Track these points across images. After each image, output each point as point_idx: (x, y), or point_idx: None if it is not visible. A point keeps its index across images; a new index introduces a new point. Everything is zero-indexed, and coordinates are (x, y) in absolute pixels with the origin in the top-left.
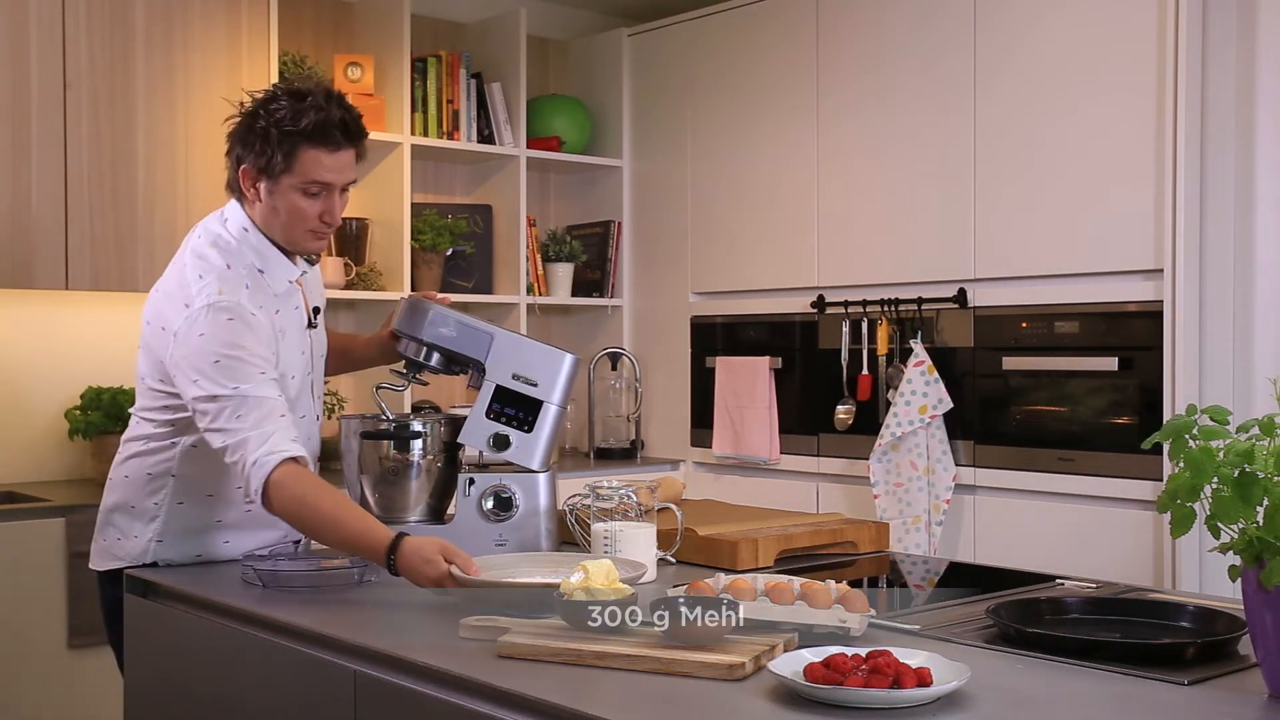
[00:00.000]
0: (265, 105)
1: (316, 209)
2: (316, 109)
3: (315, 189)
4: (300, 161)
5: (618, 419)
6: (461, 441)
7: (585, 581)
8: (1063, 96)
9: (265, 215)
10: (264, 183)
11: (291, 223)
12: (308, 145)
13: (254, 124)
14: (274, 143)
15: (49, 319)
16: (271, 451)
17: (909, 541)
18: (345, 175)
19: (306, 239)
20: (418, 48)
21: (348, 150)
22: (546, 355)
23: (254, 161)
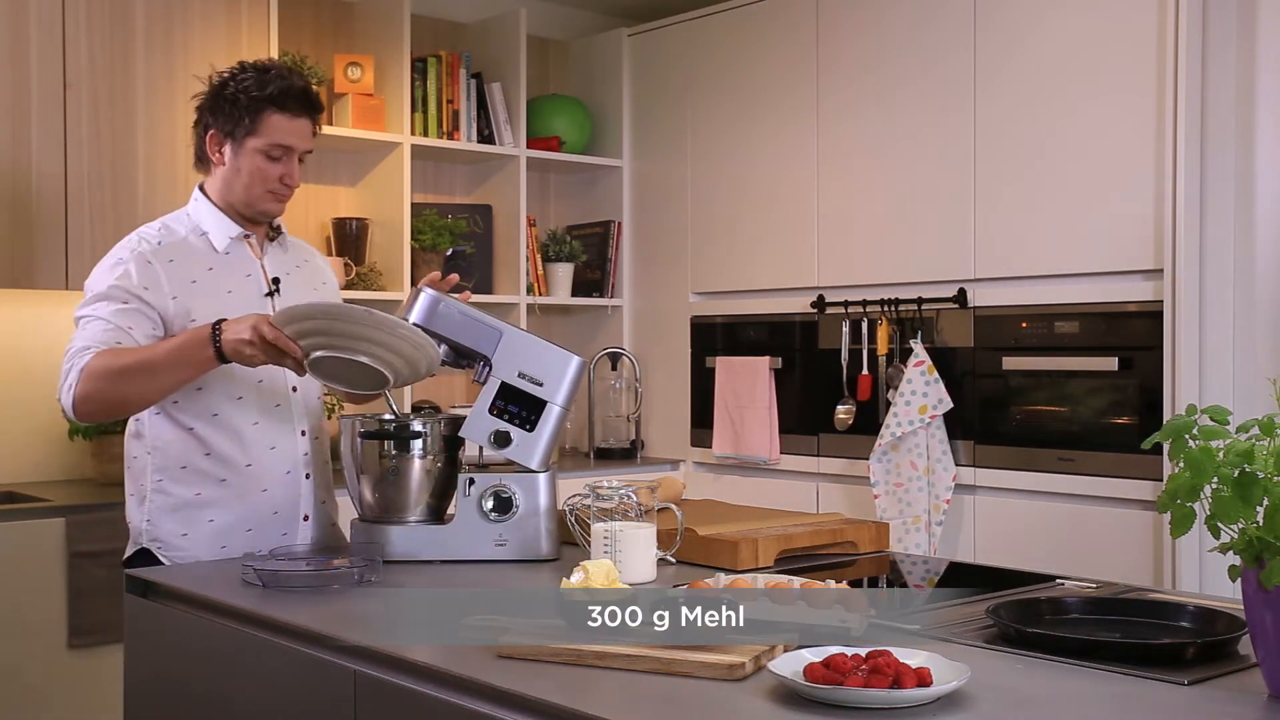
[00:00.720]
0: (234, 76)
1: (277, 171)
2: (280, 77)
3: (277, 152)
4: (265, 124)
5: (618, 419)
6: (463, 435)
7: (585, 581)
8: (1063, 96)
9: (227, 178)
10: (229, 145)
11: (252, 183)
12: (272, 110)
13: (223, 91)
14: (241, 107)
15: (49, 319)
16: (86, 349)
17: (909, 541)
18: (304, 142)
19: (266, 199)
20: (418, 48)
21: (307, 119)
22: (554, 356)
23: (221, 126)
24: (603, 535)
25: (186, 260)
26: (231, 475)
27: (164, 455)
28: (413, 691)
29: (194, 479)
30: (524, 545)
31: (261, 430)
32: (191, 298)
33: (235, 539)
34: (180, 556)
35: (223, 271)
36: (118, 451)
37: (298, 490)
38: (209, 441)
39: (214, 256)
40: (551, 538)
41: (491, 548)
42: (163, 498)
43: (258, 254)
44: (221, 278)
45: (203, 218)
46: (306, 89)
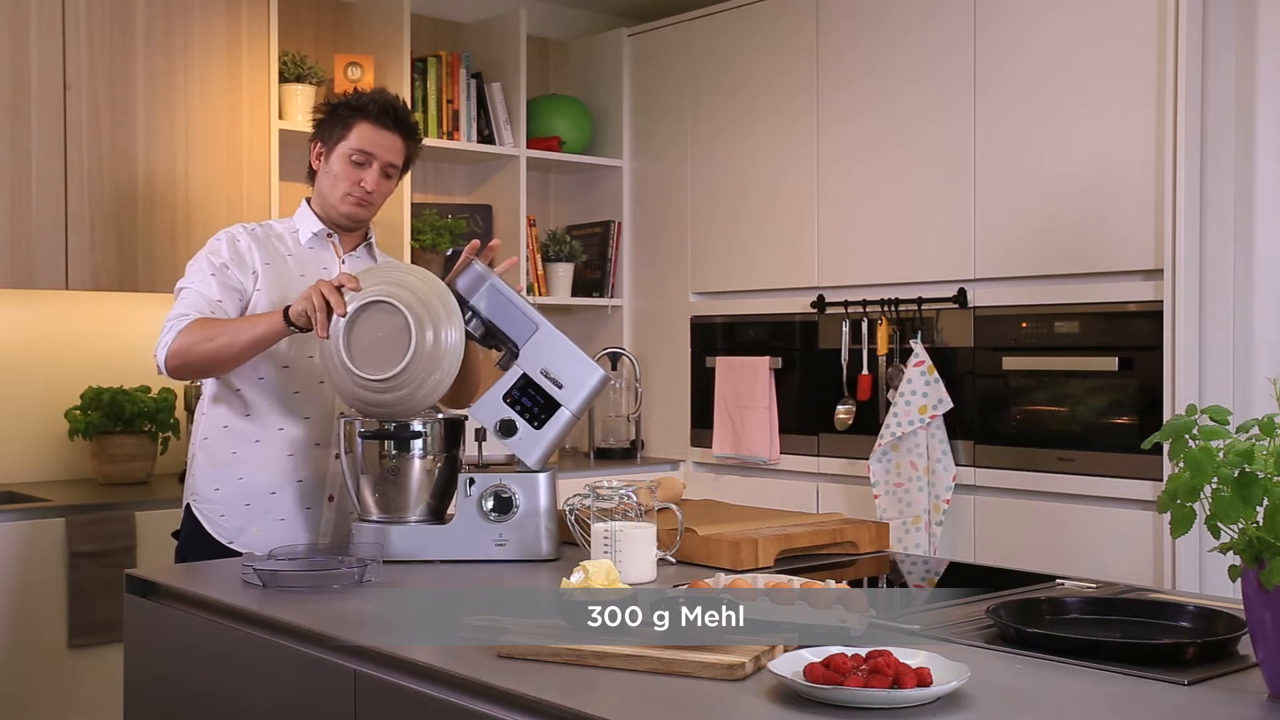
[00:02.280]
0: (345, 97)
1: (358, 175)
2: (378, 94)
3: (360, 157)
4: (353, 130)
5: (618, 419)
6: (471, 414)
7: (585, 581)
8: (1063, 97)
9: (321, 182)
10: (324, 150)
11: (334, 185)
12: (361, 119)
13: (331, 107)
14: (339, 117)
15: (49, 319)
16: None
17: (909, 541)
18: (387, 154)
19: (346, 201)
20: (418, 48)
21: (396, 135)
22: (581, 363)
23: (322, 135)
24: (603, 535)
25: (273, 246)
26: (265, 436)
27: (212, 414)
28: (413, 691)
29: (232, 438)
30: (524, 545)
31: (301, 400)
32: (271, 275)
33: (260, 500)
34: (211, 510)
35: (302, 260)
36: (118, 452)
37: (325, 466)
38: (251, 402)
39: (298, 248)
40: (551, 538)
41: (491, 548)
42: (205, 455)
43: (339, 254)
44: (300, 264)
45: (299, 219)
46: (396, 105)
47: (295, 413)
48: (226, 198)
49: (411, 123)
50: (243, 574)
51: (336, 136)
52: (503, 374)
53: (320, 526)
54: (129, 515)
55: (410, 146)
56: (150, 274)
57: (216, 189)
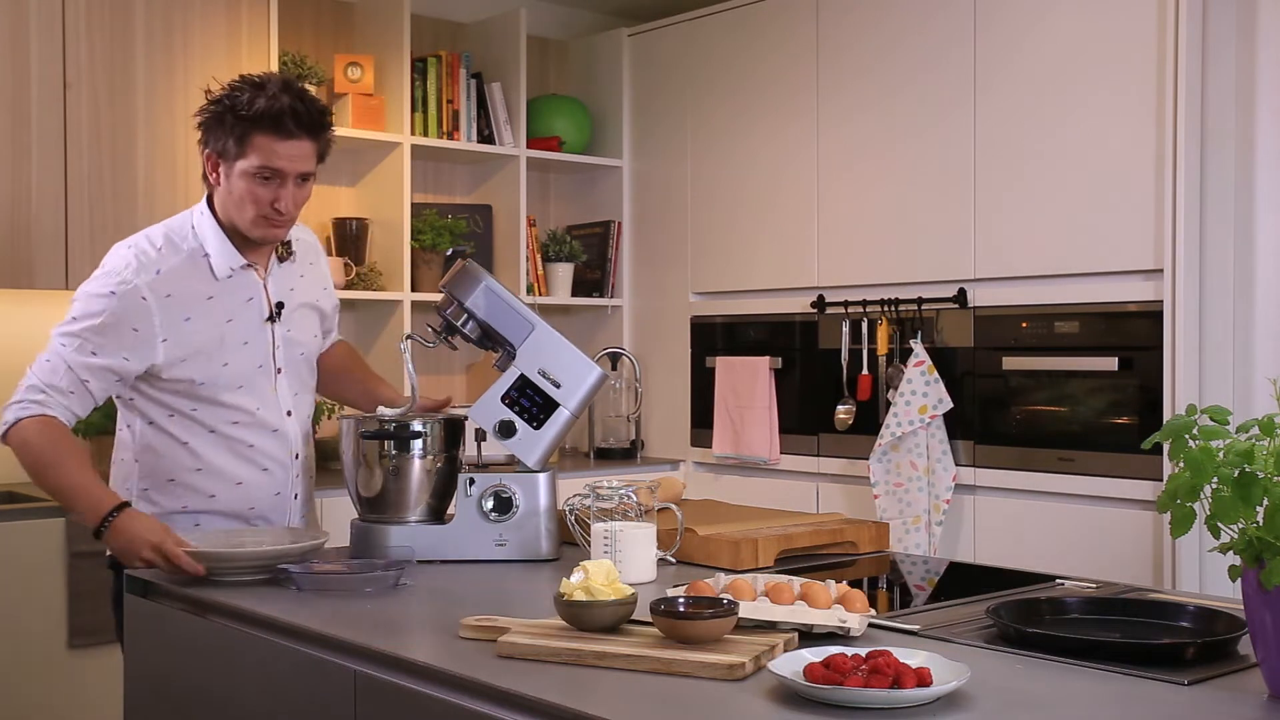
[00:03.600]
0: (228, 93)
1: (268, 195)
2: (270, 97)
3: (267, 173)
4: (251, 146)
5: (618, 419)
6: (470, 417)
7: (585, 582)
8: (1063, 97)
9: (223, 200)
10: (222, 166)
11: (242, 207)
12: (258, 131)
13: (216, 109)
14: (228, 127)
15: (49, 319)
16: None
17: (909, 541)
18: (298, 165)
19: (258, 224)
20: (418, 48)
21: (303, 140)
22: (578, 362)
23: (214, 145)
24: (603, 535)
25: (184, 294)
26: (222, 491)
27: (153, 465)
28: (413, 691)
29: (182, 491)
30: (524, 545)
31: (257, 452)
32: (186, 335)
33: None
34: None
35: (222, 298)
36: None
37: (286, 510)
38: (203, 456)
39: (214, 284)
40: (551, 538)
41: (491, 548)
42: (148, 505)
43: (261, 276)
44: (221, 305)
45: (207, 237)
46: (296, 107)
47: (254, 464)
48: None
49: (319, 117)
50: (277, 576)
51: (232, 152)
52: (500, 375)
53: None
54: None
55: (323, 143)
56: None
57: None
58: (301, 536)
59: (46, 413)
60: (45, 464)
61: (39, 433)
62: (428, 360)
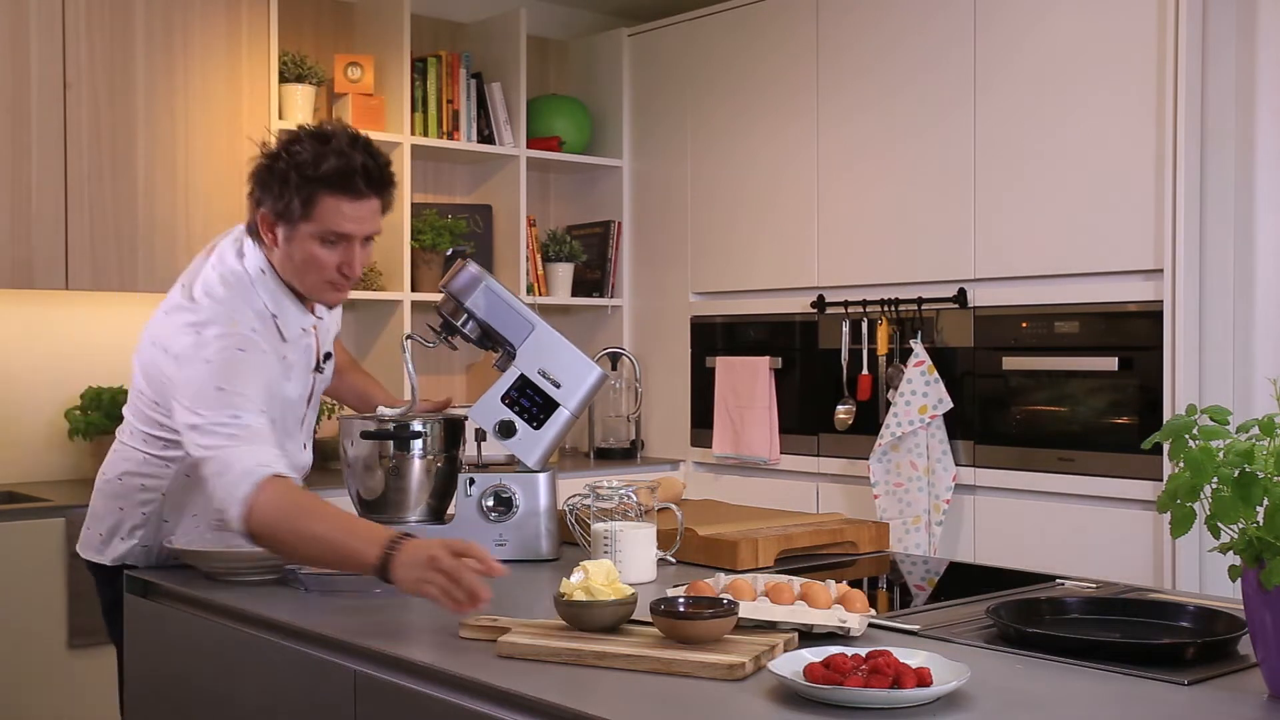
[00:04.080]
0: (287, 147)
1: (334, 259)
2: (339, 154)
3: (333, 238)
4: (319, 209)
5: (618, 419)
6: (470, 417)
7: (585, 582)
8: (1063, 96)
9: (282, 262)
10: (281, 228)
11: (308, 272)
12: (327, 192)
13: (274, 165)
14: (293, 187)
15: (49, 319)
16: (261, 464)
17: (909, 541)
18: (366, 226)
19: (324, 289)
20: (418, 48)
21: (371, 199)
22: (577, 361)
23: (272, 206)
24: (603, 535)
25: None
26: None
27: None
28: (413, 691)
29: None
30: (524, 545)
31: None
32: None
33: None
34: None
35: (289, 355)
36: None
37: None
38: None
39: (282, 344)
40: (551, 538)
41: (492, 548)
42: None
43: (316, 330)
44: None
45: (272, 298)
46: (369, 165)
47: None
48: (226, 198)
49: (386, 173)
50: (286, 578)
51: (296, 214)
52: (500, 375)
53: None
54: None
55: (388, 199)
56: (150, 274)
57: (216, 189)
58: None
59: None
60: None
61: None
62: (428, 360)
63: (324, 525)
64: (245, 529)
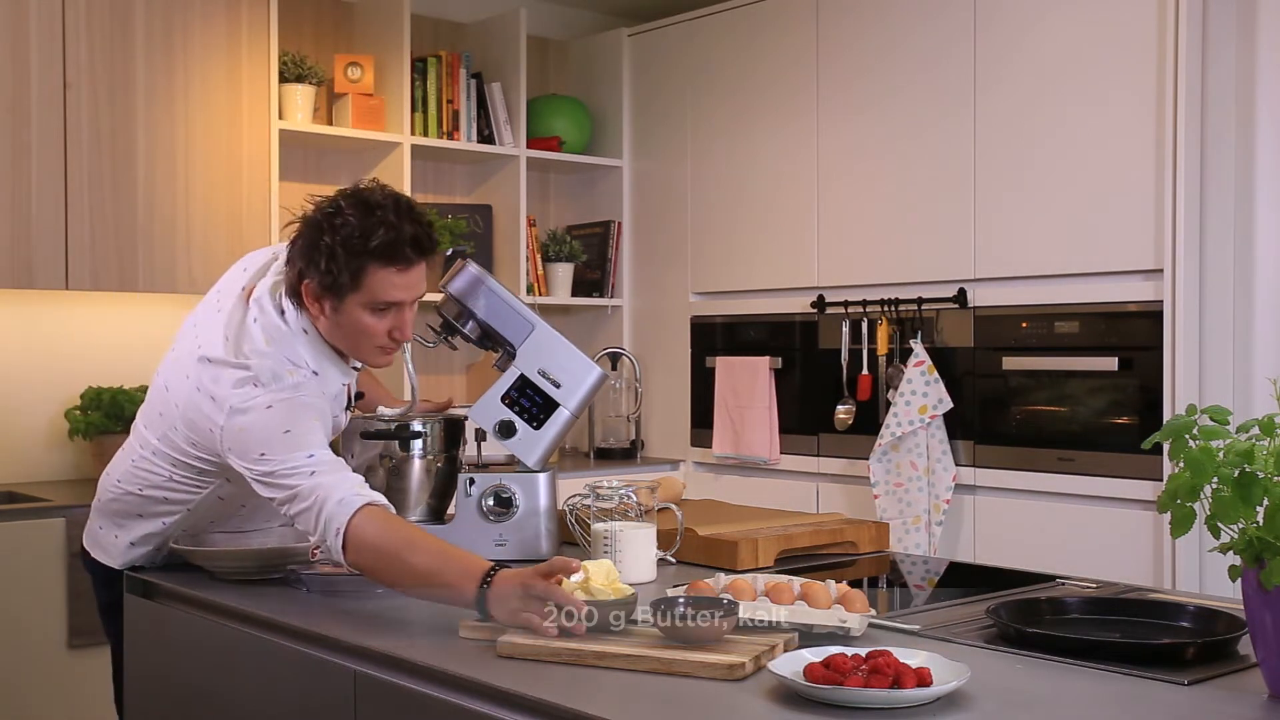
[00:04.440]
0: (330, 219)
1: (385, 326)
2: (387, 226)
3: (384, 306)
4: (369, 281)
5: (618, 419)
6: (470, 418)
7: (585, 582)
8: (1063, 96)
9: (330, 330)
10: (329, 301)
11: (360, 340)
12: (377, 265)
13: (318, 240)
14: (340, 262)
15: (49, 319)
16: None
17: (909, 541)
18: (415, 291)
19: (375, 354)
20: (418, 48)
21: (419, 266)
22: (577, 361)
23: (319, 279)
24: (603, 535)
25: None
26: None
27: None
28: (413, 691)
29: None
30: (524, 545)
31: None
32: None
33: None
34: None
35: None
36: None
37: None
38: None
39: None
40: (551, 538)
41: (491, 548)
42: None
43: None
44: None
45: (314, 358)
46: (418, 235)
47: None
48: (227, 198)
49: (432, 237)
50: (288, 579)
51: (345, 288)
52: (500, 375)
53: None
54: None
55: (434, 261)
56: (150, 274)
57: (216, 189)
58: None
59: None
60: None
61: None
62: (428, 360)
63: (423, 558)
64: (347, 559)
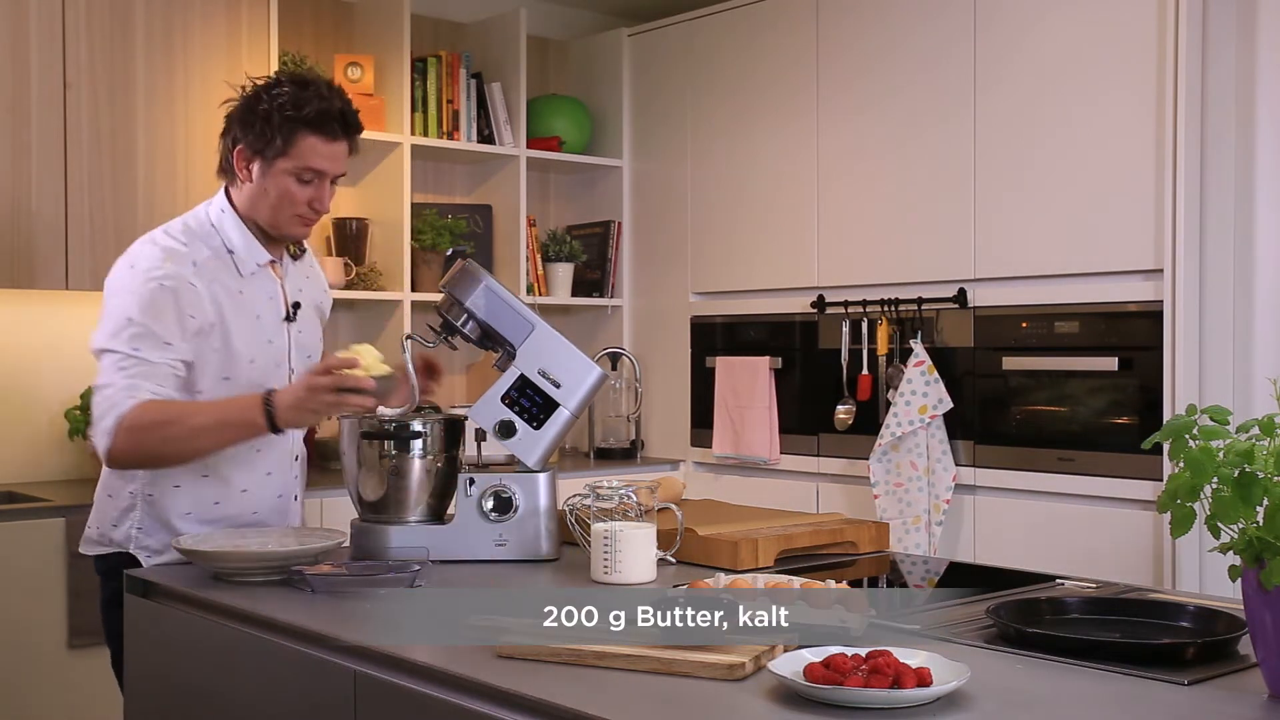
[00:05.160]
0: (268, 90)
1: (307, 195)
2: (320, 98)
3: (309, 175)
4: (298, 146)
5: (618, 419)
6: (470, 418)
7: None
8: (1063, 96)
9: (254, 196)
10: (258, 164)
11: (280, 206)
12: (307, 131)
13: (255, 106)
14: (274, 125)
15: (49, 319)
16: (132, 394)
17: (909, 541)
18: (338, 166)
19: (293, 223)
20: (418, 48)
21: (343, 142)
22: (577, 361)
23: (251, 143)
24: (603, 535)
25: (219, 287)
26: (226, 498)
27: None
28: (413, 691)
29: (187, 498)
30: (524, 545)
31: (262, 455)
32: (229, 322)
33: None
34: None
35: (250, 294)
36: None
37: (286, 513)
38: (208, 463)
39: (240, 280)
40: (551, 538)
41: (491, 548)
42: (153, 509)
43: (278, 274)
44: (249, 300)
45: (229, 233)
46: (345, 110)
47: (257, 469)
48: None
49: (358, 120)
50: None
51: (274, 150)
52: (500, 375)
53: None
54: None
55: (355, 145)
56: None
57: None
58: (311, 537)
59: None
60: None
61: (134, 424)
62: None
63: (202, 416)
64: (114, 452)
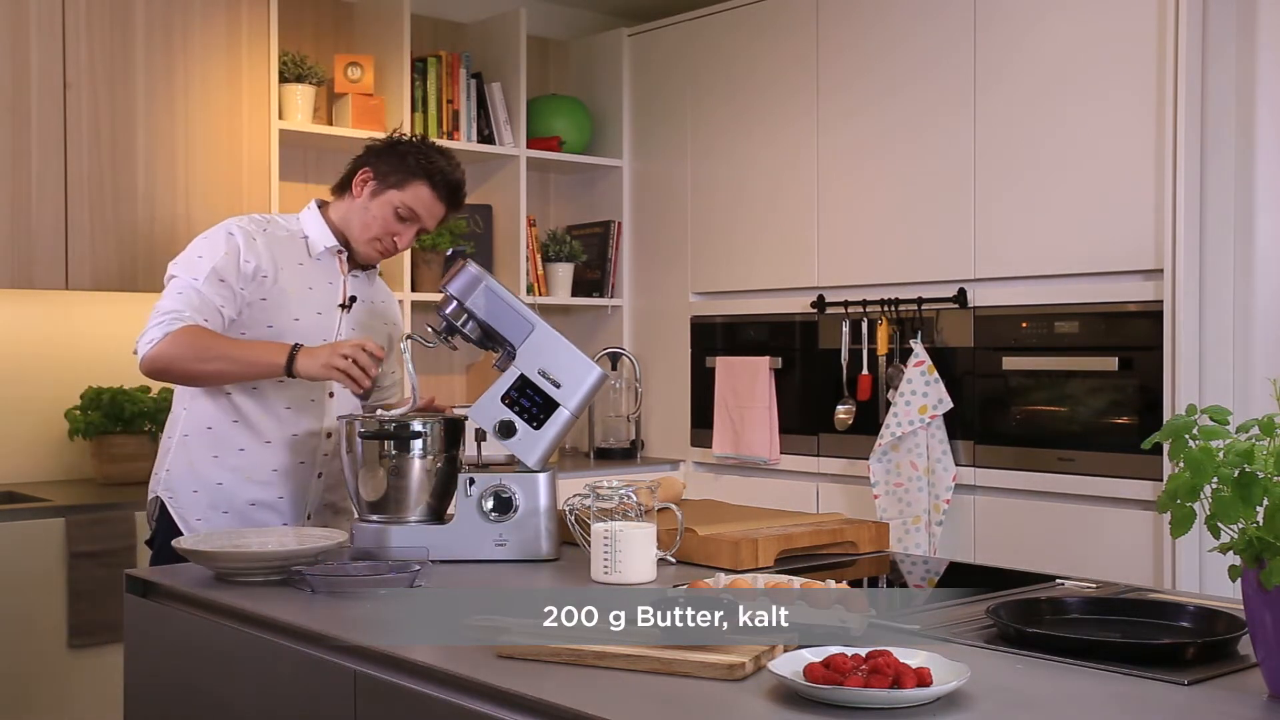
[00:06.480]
0: (415, 140)
1: (395, 229)
2: (450, 165)
3: (406, 213)
4: (413, 187)
5: (618, 419)
6: (470, 417)
7: None
8: (1063, 96)
9: (355, 211)
10: (372, 185)
11: (370, 226)
12: (426, 182)
13: (398, 145)
14: (406, 165)
15: (49, 319)
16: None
17: (909, 541)
18: (430, 221)
19: (372, 245)
20: (418, 48)
21: (444, 206)
22: (577, 361)
23: (378, 168)
24: (603, 535)
25: (281, 253)
26: (251, 446)
27: (196, 412)
28: (413, 691)
29: (215, 442)
30: (524, 545)
31: (293, 415)
32: (283, 280)
33: (238, 511)
34: (186, 512)
35: (311, 270)
36: (118, 452)
37: (308, 484)
38: (241, 408)
39: (307, 258)
40: (551, 538)
41: (491, 548)
42: (184, 453)
43: (344, 270)
44: (308, 274)
45: (308, 225)
46: (460, 185)
47: (285, 428)
48: (226, 198)
49: (462, 200)
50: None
51: (392, 181)
52: (500, 375)
53: None
54: (129, 515)
55: (446, 221)
56: (150, 274)
57: (216, 189)
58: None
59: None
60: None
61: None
62: (428, 360)
63: (234, 344)
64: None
